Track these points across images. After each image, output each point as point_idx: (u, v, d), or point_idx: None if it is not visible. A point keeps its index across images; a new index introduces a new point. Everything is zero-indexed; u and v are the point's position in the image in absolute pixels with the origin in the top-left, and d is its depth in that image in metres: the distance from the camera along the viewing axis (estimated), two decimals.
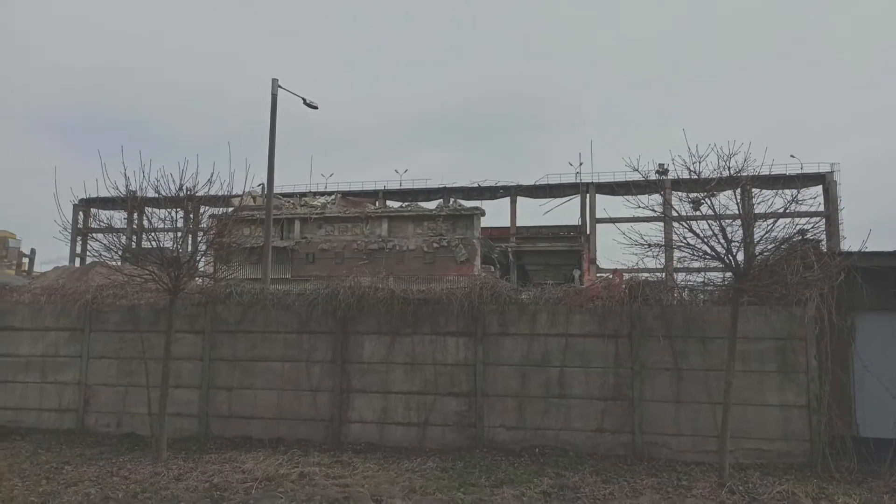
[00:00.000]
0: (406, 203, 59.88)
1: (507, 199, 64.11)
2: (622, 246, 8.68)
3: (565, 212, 74.33)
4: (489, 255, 49.27)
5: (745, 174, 8.04)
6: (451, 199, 58.34)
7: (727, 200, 8.15)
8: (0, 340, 11.56)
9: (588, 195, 61.83)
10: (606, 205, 57.75)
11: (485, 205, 56.09)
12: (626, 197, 8.99)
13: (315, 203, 51.32)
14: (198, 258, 9.72)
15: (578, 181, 63.27)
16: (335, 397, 10.25)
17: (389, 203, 63.16)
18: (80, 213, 59.67)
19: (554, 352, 9.73)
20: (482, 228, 46.49)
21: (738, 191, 8.28)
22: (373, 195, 66.19)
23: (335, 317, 10.37)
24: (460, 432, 9.84)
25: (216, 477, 8.07)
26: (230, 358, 10.69)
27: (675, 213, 8.62)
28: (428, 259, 44.36)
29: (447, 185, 66.50)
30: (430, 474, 8.27)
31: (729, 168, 7.92)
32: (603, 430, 9.44)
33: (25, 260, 73.11)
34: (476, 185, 65.81)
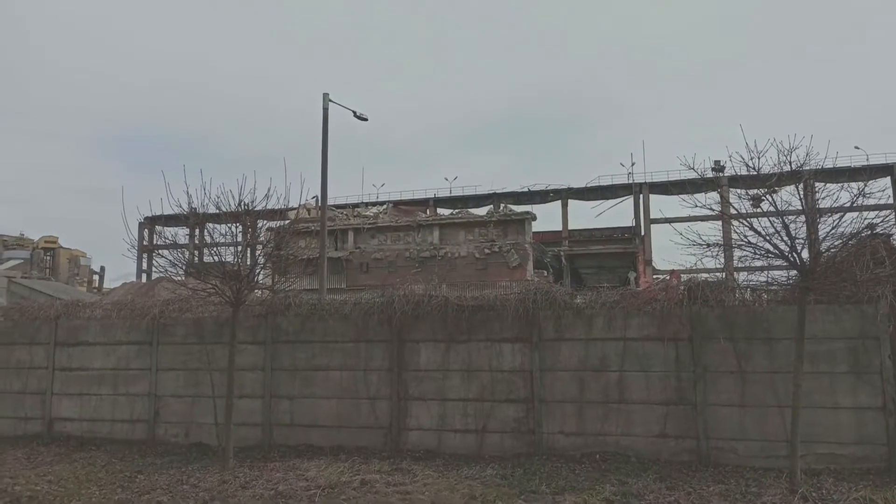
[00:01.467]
0: (456, 210, 60.05)
1: (559, 203, 63.55)
2: (679, 246, 8.48)
3: (618, 213, 73.31)
4: (542, 260, 48.90)
5: (807, 168, 7.75)
6: (502, 205, 58.18)
7: (789, 196, 7.87)
8: (75, 355, 12.15)
9: (641, 195, 60.72)
10: (661, 205, 56.75)
11: (535, 209, 55.68)
12: (682, 196, 8.78)
13: (367, 213, 52.05)
14: (257, 271, 10.00)
15: (631, 182, 62.26)
16: (393, 405, 10.34)
17: (440, 211, 63.53)
18: (146, 230, 62.08)
19: (612, 356, 9.58)
20: (534, 233, 46.19)
21: (801, 186, 7.98)
22: (423, 203, 66.71)
23: (391, 325, 10.48)
24: (519, 439, 9.79)
25: (281, 485, 8.26)
26: (290, 367, 10.93)
27: (734, 211, 8.38)
28: (480, 265, 44.32)
29: (497, 191, 66.44)
30: (489, 481, 8.25)
31: (790, 163, 7.66)
32: (666, 436, 9.23)
33: (96, 277, 76.63)
34: (526, 189, 65.52)
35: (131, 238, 10.42)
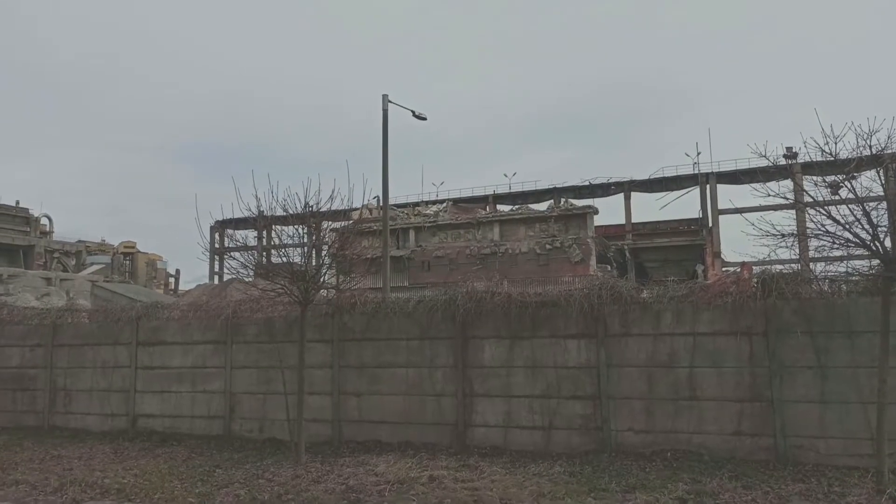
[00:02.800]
0: (516, 206, 59.73)
1: (621, 196, 62.36)
2: (750, 237, 8.19)
3: (684, 205, 70.96)
4: (605, 254, 48.08)
5: (888, 152, 7.35)
6: (562, 200, 57.52)
7: (870, 182, 7.48)
8: (156, 354, 12.75)
9: (708, 186, 58.88)
10: (730, 195, 54.67)
11: (597, 203, 54.84)
12: (753, 185, 8.47)
13: (428, 212, 52.42)
14: (323, 271, 10.24)
15: (697, 172, 60.45)
16: (458, 402, 10.40)
17: (500, 207, 63.30)
18: (217, 234, 64.43)
19: (681, 352, 9.34)
20: (596, 227, 45.51)
21: (882, 170, 7.56)
22: (483, 200, 66.64)
23: (454, 322, 10.53)
24: (586, 436, 9.67)
25: (351, 479, 8.45)
26: (357, 365, 11.14)
27: (809, 199, 8.03)
28: (541, 261, 44.02)
29: (557, 186, 65.72)
30: (557, 478, 8.19)
31: (870, 146, 7.28)
32: (741, 434, 8.93)
33: (171, 279, 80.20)
34: (587, 183, 64.53)
35: (204, 241, 10.83)
